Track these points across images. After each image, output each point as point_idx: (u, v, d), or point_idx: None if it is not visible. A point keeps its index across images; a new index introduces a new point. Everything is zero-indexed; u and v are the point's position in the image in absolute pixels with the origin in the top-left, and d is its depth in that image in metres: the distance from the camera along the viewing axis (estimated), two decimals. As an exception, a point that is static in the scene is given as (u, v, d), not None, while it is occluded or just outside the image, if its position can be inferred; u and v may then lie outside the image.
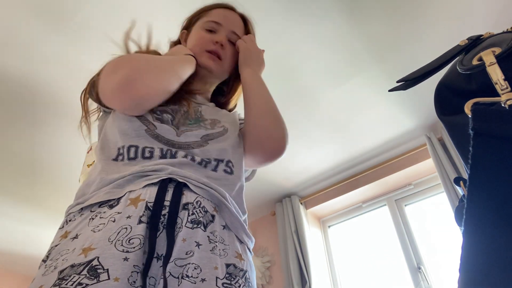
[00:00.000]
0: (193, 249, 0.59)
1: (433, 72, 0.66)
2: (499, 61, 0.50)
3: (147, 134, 0.74)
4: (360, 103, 2.26)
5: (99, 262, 0.54)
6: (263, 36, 1.87)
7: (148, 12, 1.72)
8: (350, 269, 2.71)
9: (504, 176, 0.43)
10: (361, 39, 1.90)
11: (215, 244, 0.63)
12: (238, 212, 0.74)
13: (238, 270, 0.63)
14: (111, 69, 0.74)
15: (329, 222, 3.02)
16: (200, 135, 0.78)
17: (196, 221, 0.63)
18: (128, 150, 0.72)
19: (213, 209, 0.68)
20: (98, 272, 0.53)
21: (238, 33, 0.99)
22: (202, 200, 0.67)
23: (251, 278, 0.66)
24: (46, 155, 2.47)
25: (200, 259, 0.59)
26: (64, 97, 2.09)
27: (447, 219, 2.36)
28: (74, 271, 0.54)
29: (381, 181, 2.68)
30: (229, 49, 0.96)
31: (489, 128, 0.44)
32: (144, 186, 0.65)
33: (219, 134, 0.81)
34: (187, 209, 0.64)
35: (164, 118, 0.79)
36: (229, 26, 0.97)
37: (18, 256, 3.63)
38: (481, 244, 0.42)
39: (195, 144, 0.76)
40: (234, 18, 1.01)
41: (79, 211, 0.66)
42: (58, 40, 1.80)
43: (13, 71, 1.92)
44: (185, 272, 0.56)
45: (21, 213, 3.01)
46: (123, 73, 0.70)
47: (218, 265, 0.60)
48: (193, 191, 0.67)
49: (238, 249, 0.67)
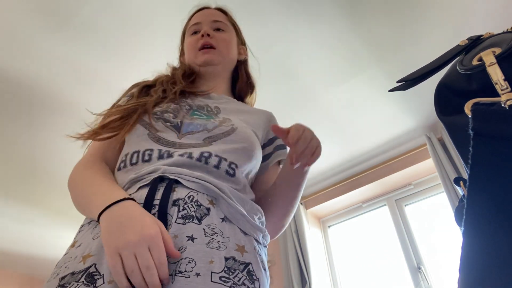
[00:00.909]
0: (185, 244, 0.58)
1: (433, 72, 0.66)
2: (499, 61, 0.50)
3: (149, 137, 0.75)
4: (360, 103, 2.26)
5: (96, 269, 0.56)
6: (263, 36, 1.87)
7: (148, 12, 1.71)
8: (350, 269, 2.71)
9: (504, 176, 0.43)
10: (361, 39, 1.90)
11: (212, 237, 0.61)
12: (243, 202, 0.71)
13: (238, 263, 0.61)
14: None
15: (329, 222, 3.02)
16: (202, 138, 0.76)
17: (188, 216, 0.62)
18: (131, 156, 0.73)
19: (208, 202, 0.66)
20: (95, 279, 0.55)
21: (220, 19, 1.00)
22: (195, 194, 0.66)
23: (257, 271, 0.63)
24: (45, 154, 2.47)
25: (195, 253, 0.58)
26: (64, 97, 2.09)
27: (447, 219, 2.36)
28: (74, 278, 0.56)
29: (381, 181, 2.68)
30: (219, 35, 0.96)
31: (489, 128, 0.44)
32: (138, 189, 0.66)
33: (223, 135, 0.77)
34: (177, 205, 0.63)
35: (165, 117, 0.79)
36: (208, 19, 0.99)
37: (18, 256, 3.62)
38: (481, 244, 0.42)
39: (196, 145, 0.75)
40: (211, 12, 1.03)
41: (88, 222, 0.68)
42: (58, 40, 1.80)
43: (13, 71, 1.92)
44: (178, 269, 0.56)
45: (20, 212, 3.01)
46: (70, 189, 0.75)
47: (215, 259, 0.58)
48: (186, 186, 0.66)
49: (241, 242, 0.65)
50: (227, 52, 0.96)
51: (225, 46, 0.96)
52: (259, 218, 0.74)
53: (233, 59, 1.00)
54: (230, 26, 1.02)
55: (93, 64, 1.94)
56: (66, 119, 2.22)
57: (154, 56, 1.91)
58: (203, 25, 0.98)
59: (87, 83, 2.03)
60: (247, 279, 0.60)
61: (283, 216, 0.83)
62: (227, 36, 0.98)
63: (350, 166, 2.77)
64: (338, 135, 2.48)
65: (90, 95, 2.09)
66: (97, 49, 1.87)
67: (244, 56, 1.06)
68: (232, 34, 1.01)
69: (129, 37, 1.82)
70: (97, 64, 1.94)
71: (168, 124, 0.78)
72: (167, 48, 1.89)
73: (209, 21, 0.98)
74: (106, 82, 2.03)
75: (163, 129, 0.76)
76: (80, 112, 2.19)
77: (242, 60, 1.05)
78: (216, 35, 0.96)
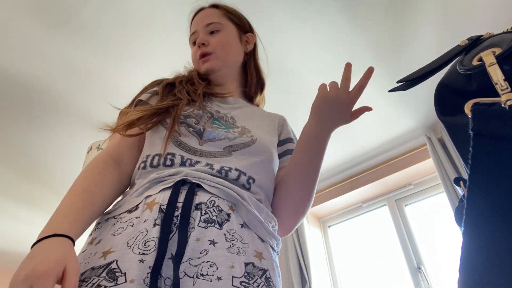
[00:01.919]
0: (207, 247, 0.59)
1: (433, 73, 0.65)
2: (499, 62, 0.50)
3: (171, 141, 0.75)
4: (360, 103, 2.26)
5: (118, 266, 0.56)
6: (263, 36, 1.87)
7: (148, 12, 1.71)
8: (350, 269, 2.71)
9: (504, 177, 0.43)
10: (361, 39, 1.90)
11: (232, 242, 0.62)
12: (260, 210, 0.72)
13: (257, 269, 0.62)
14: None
15: (329, 222, 3.02)
16: (223, 146, 0.76)
17: (210, 220, 0.63)
18: (152, 158, 0.74)
19: (229, 208, 0.67)
20: (116, 275, 0.55)
21: (213, 20, 0.98)
22: (216, 199, 0.66)
23: (273, 278, 0.64)
24: (46, 155, 2.47)
25: (216, 257, 0.58)
26: (64, 97, 2.09)
27: (447, 219, 2.36)
28: (95, 273, 0.56)
29: (381, 181, 2.68)
30: (214, 39, 0.95)
31: (489, 129, 0.44)
32: (160, 190, 0.67)
33: (244, 146, 0.78)
34: (199, 208, 0.64)
35: (188, 122, 0.79)
36: (201, 25, 0.98)
37: (18, 256, 3.63)
38: (481, 244, 0.42)
39: (217, 153, 0.75)
40: (203, 15, 1.01)
41: (106, 220, 0.69)
42: (58, 40, 1.80)
43: (13, 71, 1.92)
44: (199, 271, 0.56)
45: (20, 213, 3.01)
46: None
47: (236, 264, 0.59)
48: (207, 191, 0.67)
49: (258, 248, 0.66)
50: (225, 53, 0.95)
51: (222, 48, 0.94)
52: (272, 227, 0.75)
53: (236, 56, 0.98)
54: (226, 20, 0.99)
55: (93, 64, 1.94)
56: (67, 119, 2.22)
57: (154, 56, 1.91)
58: (199, 33, 0.97)
59: (87, 83, 2.03)
60: (265, 285, 0.61)
61: (297, 203, 0.80)
62: (222, 36, 0.96)
63: (350, 166, 2.76)
64: (338, 135, 2.48)
65: (90, 94, 2.09)
66: (97, 49, 1.87)
67: (251, 45, 1.03)
68: (229, 29, 0.98)
69: (129, 37, 1.82)
70: (97, 64, 1.94)
71: (191, 129, 0.78)
72: (167, 48, 1.90)
73: (202, 26, 0.97)
74: (106, 82, 2.04)
75: (186, 134, 0.77)
76: (80, 111, 2.19)
77: (251, 52, 1.03)
78: (211, 40, 0.94)
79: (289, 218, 0.80)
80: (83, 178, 0.70)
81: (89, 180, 0.69)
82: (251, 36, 1.04)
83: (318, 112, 0.78)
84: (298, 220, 0.82)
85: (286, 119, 0.99)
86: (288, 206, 0.80)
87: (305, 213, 0.81)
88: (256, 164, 0.76)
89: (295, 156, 0.81)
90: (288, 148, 0.92)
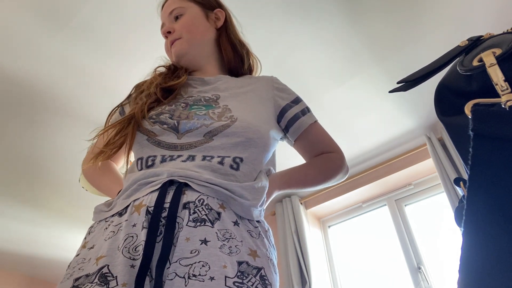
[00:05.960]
0: (198, 247, 0.58)
1: (433, 73, 0.65)
2: (499, 62, 0.50)
3: (149, 143, 0.75)
4: (360, 103, 2.26)
5: (109, 270, 0.56)
6: (263, 36, 1.87)
7: (148, 12, 1.71)
8: (350, 269, 2.71)
9: (504, 177, 0.43)
10: (361, 39, 1.90)
11: (223, 242, 0.61)
12: (256, 192, 0.71)
13: (251, 268, 0.60)
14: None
15: (329, 222, 3.02)
16: (203, 133, 0.75)
17: (199, 219, 0.62)
18: (135, 163, 0.75)
19: (219, 206, 0.65)
20: (108, 280, 0.55)
21: (174, 6, 0.96)
22: (205, 198, 0.65)
23: (269, 275, 0.63)
24: (46, 155, 2.47)
25: (209, 256, 0.57)
26: (64, 97, 2.09)
27: (447, 219, 2.36)
28: (88, 280, 0.56)
29: (381, 181, 2.68)
30: (177, 24, 0.94)
31: (489, 129, 0.44)
32: (148, 193, 0.66)
33: (223, 127, 0.76)
34: (188, 208, 0.63)
35: (161, 120, 0.78)
36: (166, 15, 0.98)
37: (18, 256, 3.63)
38: (481, 245, 0.42)
39: (197, 142, 0.74)
40: (166, 5, 1.00)
41: (98, 222, 0.70)
42: (58, 40, 1.80)
43: (13, 71, 1.92)
44: (191, 272, 0.55)
45: (20, 213, 3.01)
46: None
47: (228, 264, 0.58)
48: (196, 190, 0.66)
49: (253, 246, 0.64)
50: (191, 34, 0.93)
51: (187, 30, 0.93)
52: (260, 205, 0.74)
53: (204, 35, 0.96)
54: (188, 3, 0.97)
55: (93, 64, 1.94)
56: (66, 119, 2.22)
57: (153, 56, 1.91)
58: (165, 24, 0.97)
59: (86, 83, 2.03)
60: (260, 283, 0.60)
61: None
62: (185, 18, 0.94)
63: (350, 166, 2.76)
64: (338, 135, 2.48)
65: (90, 94, 2.09)
66: (97, 49, 1.87)
67: (221, 21, 0.99)
68: (192, 10, 0.96)
69: (129, 37, 1.82)
70: (97, 64, 1.94)
71: (165, 126, 0.77)
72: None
73: (166, 17, 0.97)
74: (106, 82, 2.04)
75: (161, 133, 0.76)
76: (80, 111, 2.19)
77: (222, 27, 0.99)
78: (175, 26, 0.94)
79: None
80: (95, 173, 0.85)
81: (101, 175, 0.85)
82: (219, 12, 1.00)
83: (272, 193, 0.83)
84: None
85: (273, 79, 0.95)
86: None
87: (335, 181, 0.98)
88: (242, 143, 0.75)
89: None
90: (288, 119, 0.90)
